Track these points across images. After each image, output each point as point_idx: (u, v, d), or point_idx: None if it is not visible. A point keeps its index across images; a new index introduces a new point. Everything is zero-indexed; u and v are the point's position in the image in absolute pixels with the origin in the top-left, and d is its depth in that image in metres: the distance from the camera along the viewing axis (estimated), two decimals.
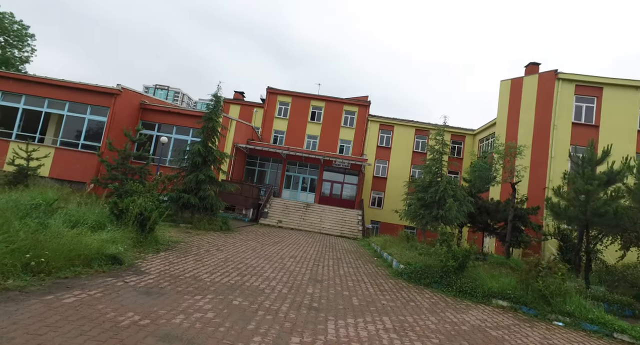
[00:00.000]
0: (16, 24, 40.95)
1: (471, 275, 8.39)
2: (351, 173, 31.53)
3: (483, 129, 31.96)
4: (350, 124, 35.18)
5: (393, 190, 33.39)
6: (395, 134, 34.78)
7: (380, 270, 10.69)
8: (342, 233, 23.95)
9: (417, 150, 34.27)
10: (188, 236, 11.92)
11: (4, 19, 39.10)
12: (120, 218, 8.46)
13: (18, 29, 41.16)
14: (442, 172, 12.85)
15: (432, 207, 12.13)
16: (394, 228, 31.85)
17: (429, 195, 12.11)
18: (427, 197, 12.11)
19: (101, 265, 5.97)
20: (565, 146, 18.01)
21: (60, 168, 19.25)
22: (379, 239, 18.51)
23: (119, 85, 19.83)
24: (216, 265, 7.79)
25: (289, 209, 26.08)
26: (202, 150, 15.39)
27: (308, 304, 5.79)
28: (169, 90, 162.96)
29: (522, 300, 7.12)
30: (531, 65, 23.31)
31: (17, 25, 41.06)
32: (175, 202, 14.78)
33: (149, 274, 6.16)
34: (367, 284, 8.27)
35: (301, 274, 8.40)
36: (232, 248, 10.84)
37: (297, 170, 31.38)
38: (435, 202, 12.10)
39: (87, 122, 19.85)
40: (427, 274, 9.11)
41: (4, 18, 39.30)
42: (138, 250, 7.94)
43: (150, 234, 8.82)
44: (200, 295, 5.32)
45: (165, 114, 22.23)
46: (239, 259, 9.05)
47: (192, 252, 8.98)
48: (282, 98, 35.69)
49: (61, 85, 19.93)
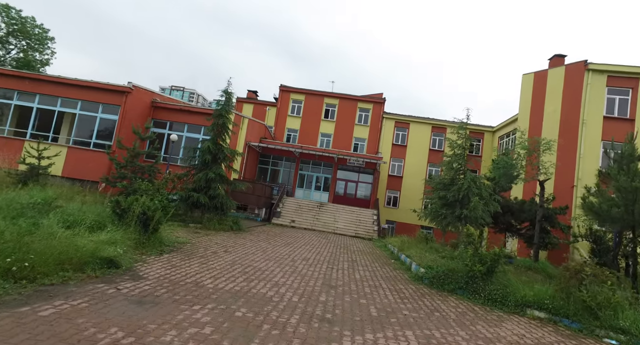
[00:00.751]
0: (37, 28, 41.81)
1: (500, 281, 7.60)
2: (366, 172, 30.77)
3: (503, 125, 30.72)
4: (365, 121, 34.40)
5: (409, 189, 32.48)
6: (411, 132, 33.81)
7: (399, 274, 9.98)
8: (356, 233, 23.24)
9: (434, 148, 33.24)
10: (196, 237, 11.45)
11: (25, 24, 39.96)
12: (122, 218, 8.01)
13: (39, 32, 42.02)
14: (465, 168, 11.98)
15: (455, 207, 11.29)
16: (411, 228, 30.94)
17: (451, 193, 11.27)
18: (449, 196, 11.27)
19: (95, 270, 5.47)
20: (595, 142, 16.86)
21: (72, 167, 19.13)
22: (396, 239, 17.75)
23: (129, 83, 19.61)
24: (222, 269, 7.23)
25: (302, 208, 25.52)
26: (212, 147, 14.94)
27: (320, 315, 5.16)
28: (184, 91, 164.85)
29: (562, 311, 6.31)
30: (556, 58, 22.08)
31: (38, 29, 41.92)
32: (185, 201, 14.36)
33: (146, 279, 5.63)
34: (386, 290, 7.58)
35: (313, 278, 7.77)
36: (241, 249, 10.30)
37: (310, 169, 30.80)
38: (458, 201, 11.25)
39: (99, 121, 19.69)
40: (450, 279, 8.36)
41: (25, 22, 40.14)
42: (140, 252, 7.45)
43: (154, 235, 8.34)
44: (199, 304, 4.75)
45: (177, 112, 21.95)
46: (247, 262, 8.48)
47: (198, 254, 8.46)
48: (295, 96, 35.17)
49: (73, 83, 19.83)
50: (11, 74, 20.10)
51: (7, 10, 39.03)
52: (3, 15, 39.11)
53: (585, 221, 13.39)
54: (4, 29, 39.51)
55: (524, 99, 23.33)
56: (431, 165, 33.13)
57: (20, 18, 39.84)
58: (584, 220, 13.43)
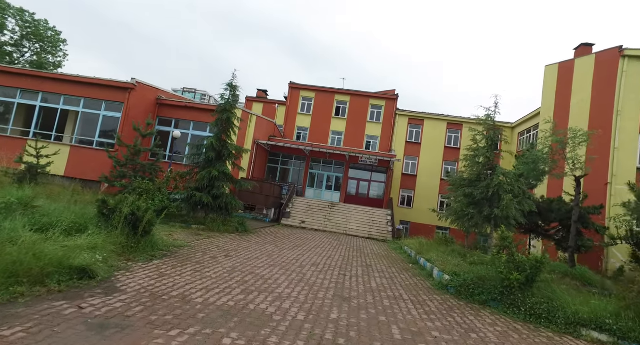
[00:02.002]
0: (50, 31, 41.99)
1: (544, 293, 6.46)
2: (379, 170, 29.61)
3: (523, 121, 29.18)
4: (377, 118, 33.21)
5: (424, 189, 31.22)
6: (425, 129, 32.51)
7: (420, 282, 8.89)
8: (370, 234, 22.14)
9: (450, 146, 31.89)
10: (197, 239, 10.55)
11: (39, 27, 40.14)
12: (109, 219, 7.13)
13: (52, 35, 42.19)
14: (494, 163, 10.75)
15: (483, 206, 10.12)
16: (426, 229, 29.66)
17: (479, 191, 10.08)
18: (476, 194, 10.08)
19: (61, 282, 4.57)
20: (632, 134, 15.41)
21: (75, 166, 18.54)
22: (412, 241, 16.61)
23: (133, 79, 18.93)
24: (218, 278, 6.28)
25: (312, 208, 24.53)
26: (216, 144, 14.06)
27: (332, 340, 4.15)
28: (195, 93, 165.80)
29: (632, 335, 5.16)
30: (582, 47, 20.62)
31: (50, 32, 42.09)
32: (187, 201, 13.52)
33: (123, 292, 4.70)
34: (408, 303, 6.52)
35: (324, 288, 6.75)
36: (244, 253, 9.35)
37: (321, 168, 29.79)
38: (486, 199, 10.06)
39: (102, 119, 19.06)
40: (481, 289, 7.24)
41: (39, 25, 40.31)
42: (126, 258, 6.56)
43: (145, 238, 7.45)
44: (179, 328, 3.79)
45: (182, 109, 21.21)
46: (249, 269, 7.52)
47: (194, 260, 7.53)
48: (305, 93, 34.20)
49: (76, 80, 19.26)
50: (14, 71, 19.65)
51: (21, 14, 39.24)
52: (17, 18, 39.34)
53: (624, 222, 12.07)
54: (18, 33, 39.79)
55: (547, 91, 21.91)
56: (447, 163, 31.80)
57: (34, 21, 40.07)
58: (623, 220, 12.12)
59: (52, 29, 41.68)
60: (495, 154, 11.46)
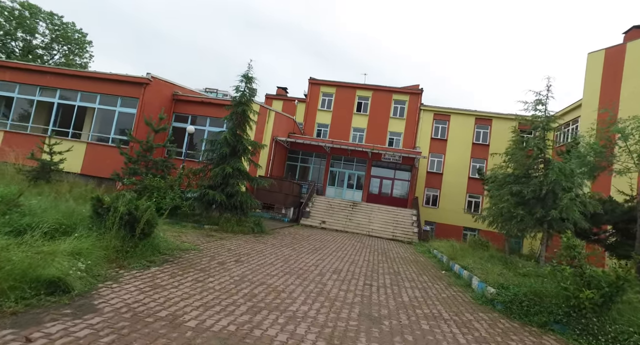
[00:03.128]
0: (77, 33, 42.82)
1: (632, 320, 5.13)
2: (402, 168, 28.18)
3: (559, 115, 27.01)
4: (401, 114, 31.74)
5: (450, 187, 29.57)
6: (451, 124, 30.81)
7: (458, 294, 7.66)
8: (394, 236, 20.85)
9: (478, 142, 30.07)
10: (207, 241, 9.67)
11: (67, 29, 40.99)
12: (103, 219, 6.29)
13: (79, 37, 43.03)
14: (547, 155, 9.28)
15: (534, 206, 8.71)
16: (452, 230, 28.03)
17: (529, 188, 8.67)
18: (526, 192, 8.66)
19: (21, 299, 3.68)
20: None
21: (91, 164, 18.18)
22: (442, 244, 15.28)
23: (148, 74, 18.38)
24: (221, 291, 5.30)
25: (333, 208, 23.44)
26: (231, 139, 13.18)
27: None
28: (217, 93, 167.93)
29: None
30: (634, 30, 18.61)
31: (78, 34, 42.92)
32: (200, 199, 12.70)
33: (98, 313, 3.77)
34: (451, 324, 5.34)
35: (347, 305, 5.66)
36: (257, 258, 8.37)
37: (342, 165, 28.64)
38: (539, 198, 8.66)
39: (118, 115, 18.62)
40: (539, 307, 5.96)
41: (67, 28, 41.15)
42: (118, 264, 5.68)
43: (144, 241, 6.57)
44: None
45: (199, 104, 20.56)
46: (261, 277, 6.52)
47: (199, 266, 6.59)
48: (325, 89, 33.11)
49: (92, 76, 18.93)
50: (35, 69, 19.50)
51: (51, 18, 40.13)
52: (47, 22, 40.25)
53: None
54: (48, 36, 40.72)
55: (590, 80, 19.97)
56: (475, 161, 30.02)
57: (62, 24, 40.92)
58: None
59: (79, 31, 42.53)
60: None
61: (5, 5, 37.26)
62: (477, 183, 29.32)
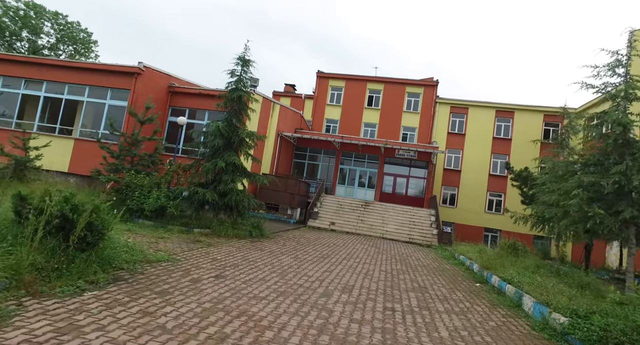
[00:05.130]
0: (82, 33, 42.06)
1: None
2: (418, 165, 26.19)
3: (593, 103, 24.66)
4: (415, 108, 29.73)
5: (469, 185, 27.43)
6: (470, 118, 28.68)
7: (509, 321, 5.76)
8: (411, 238, 18.92)
9: (499, 136, 27.90)
10: (191, 248, 7.96)
11: (72, 29, 40.24)
12: (25, 224, 4.59)
13: (84, 37, 42.26)
14: (634, 134, 7.18)
15: (616, 203, 6.66)
16: (472, 231, 25.90)
17: (610, 179, 6.60)
18: (606, 185, 6.58)
19: None
20: None
21: (79, 162, 16.68)
22: (468, 248, 13.35)
23: (140, 63, 16.82)
24: (174, 331, 3.53)
25: (343, 208, 21.60)
26: (225, 129, 11.47)
27: None
28: None
29: None
30: None
31: (83, 34, 42.17)
32: (189, 199, 11.02)
33: None
34: None
35: None
36: (246, 271, 6.61)
37: (352, 163, 26.78)
38: (624, 193, 6.60)
39: (107, 109, 17.12)
40: None
41: (72, 28, 40.38)
42: (32, 290, 3.96)
43: (87, 253, 4.86)
44: None
45: (197, 97, 18.93)
46: (242, 303, 4.73)
47: (160, 287, 4.85)
48: (334, 83, 31.30)
49: (80, 67, 17.56)
50: (19, 60, 18.17)
51: (56, 17, 39.35)
52: (52, 22, 39.50)
53: None
54: (53, 36, 39.98)
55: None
56: (496, 156, 27.81)
57: (67, 23, 40.15)
58: None
59: (84, 31, 41.79)
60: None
61: (10, 5, 36.58)
62: (499, 180, 27.17)
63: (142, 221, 10.57)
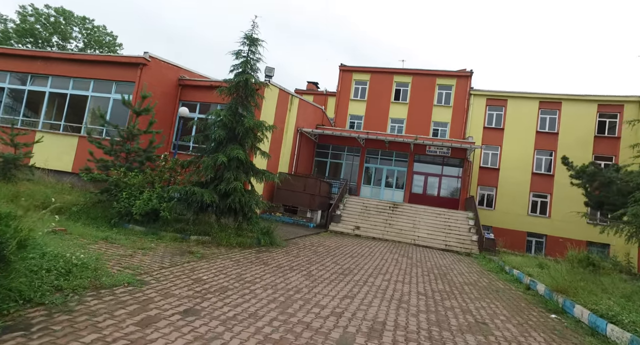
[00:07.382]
0: (108, 36, 42.37)
1: None
2: (451, 163, 23.69)
3: None
4: (446, 101, 27.23)
5: (509, 185, 24.60)
6: (509, 110, 25.86)
7: None
8: (447, 245, 16.58)
9: (543, 130, 24.96)
10: (175, 263, 6.21)
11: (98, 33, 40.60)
12: None
13: (110, 40, 42.55)
14: None
15: None
16: (513, 236, 23.07)
17: None
18: None
19: None
20: None
21: (83, 160, 15.49)
22: (521, 260, 11.07)
23: (146, 53, 15.47)
24: None
25: (369, 210, 19.51)
26: (228, 119, 9.75)
27: None
28: None
29: None
30: None
31: (109, 37, 42.48)
32: (185, 200, 9.34)
33: None
34: None
35: None
36: (234, 300, 4.75)
37: (379, 161, 24.61)
38: None
39: (112, 103, 15.90)
40: None
41: (98, 31, 40.72)
42: None
43: None
44: None
45: (208, 89, 17.39)
46: None
47: (82, 339, 3.06)
48: (358, 76, 29.29)
49: (85, 59, 16.42)
50: (25, 54, 17.30)
51: (83, 22, 39.71)
52: (80, 27, 39.90)
53: None
54: (81, 41, 40.39)
55: None
56: (539, 153, 24.86)
57: (94, 28, 40.50)
58: None
59: (109, 34, 42.05)
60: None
61: (42, 12, 37.11)
62: (544, 179, 24.25)
63: (132, 226, 9.00)
